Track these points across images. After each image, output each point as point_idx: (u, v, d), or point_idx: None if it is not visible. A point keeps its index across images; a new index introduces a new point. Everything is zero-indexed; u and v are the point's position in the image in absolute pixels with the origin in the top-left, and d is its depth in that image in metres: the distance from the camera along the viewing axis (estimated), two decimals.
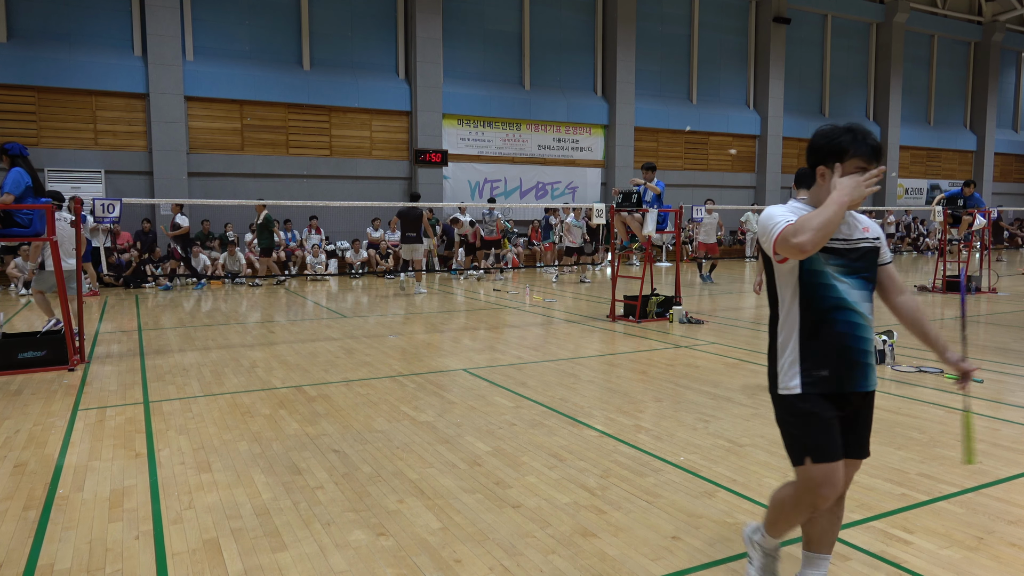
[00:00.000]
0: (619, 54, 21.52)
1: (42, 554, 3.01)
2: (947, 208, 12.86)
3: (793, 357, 2.38)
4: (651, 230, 10.00)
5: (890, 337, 6.91)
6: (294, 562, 2.92)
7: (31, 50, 15.28)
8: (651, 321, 9.56)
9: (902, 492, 3.65)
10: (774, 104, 24.54)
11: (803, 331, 2.38)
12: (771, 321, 2.50)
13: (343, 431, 4.72)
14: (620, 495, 3.62)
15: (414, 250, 13.68)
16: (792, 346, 2.39)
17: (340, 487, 3.73)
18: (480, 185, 20.43)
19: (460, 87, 19.80)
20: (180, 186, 16.44)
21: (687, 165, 23.79)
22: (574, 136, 21.74)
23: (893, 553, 2.99)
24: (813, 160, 2.48)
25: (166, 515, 3.38)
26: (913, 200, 28.96)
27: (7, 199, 6.45)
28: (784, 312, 2.43)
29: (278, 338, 8.48)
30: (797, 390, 2.36)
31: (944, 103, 29.82)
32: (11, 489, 3.73)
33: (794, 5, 25.00)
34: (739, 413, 5.15)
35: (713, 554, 2.99)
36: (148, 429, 4.80)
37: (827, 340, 2.34)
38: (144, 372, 6.59)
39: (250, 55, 17.56)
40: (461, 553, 3.00)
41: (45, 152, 15.38)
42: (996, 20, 29.44)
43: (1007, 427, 4.81)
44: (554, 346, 7.93)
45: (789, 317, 2.41)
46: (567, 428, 4.79)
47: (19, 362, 6.56)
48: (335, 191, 18.29)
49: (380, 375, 6.43)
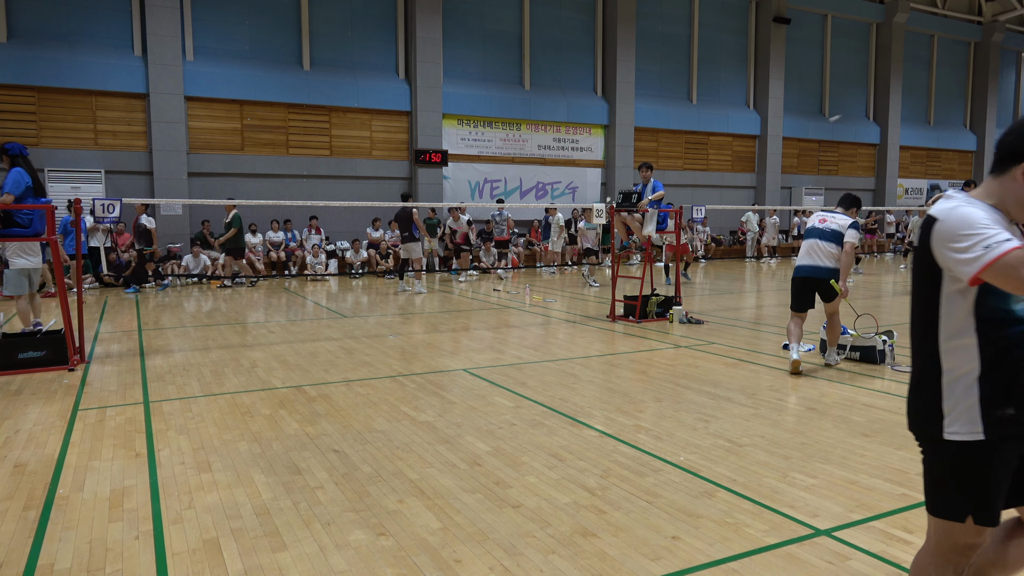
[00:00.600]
0: (619, 54, 21.53)
1: (42, 554, 3.01)
2: None
3: (970, 394, 1.94)
4: (651, 230, 10.00)
5: (890, 337, 6.91)
6: (294, 562, 2.92)
7: (31, 50, 15.28)
8: (651, 321, 9.56)
9: (902, 492, 3.65)
10: (774, 104, 24.55)
11: (984, 362, 1.94)
12: (922, 348, 2.06)
13: (343, 431, 4.72)
14: (620, 495, 3.62)
15: (410, 250, 13.75)
16: (967, 381, 1.95)
17: (340, 487, 3.73)
18: (480, 185, 20.43)
19: (460, 87, 19.80)
20: (180, 186, 16.45)
21: (687, 165, 23.79)
22: (574, 136, 21.74)
23: (893, 553, 2.99)
24: (1012, 158, 1.92)
25: (166, 515, 3.38)
26: (913, 200, 28.96)
27: (7, 199, 6.45)
28: (950, 338, 1.98)
29: (278, 338, 8.48)
30: (979, 435, 1.93)
31: (944, 103, 29.83)
32: (11, 489, 3.73)
33: (794, 5, 25.00)
34: (739, 413, 5.15)
35: (713, 554, 2.99)
36: (148, 429, 4.80)
37: (1013, 372, 1.92)
38: (144, 372, 6.59)
39: (250, 55, 17.57)
40: (461, 553, 3.00)
41: (45, 152, 15.38)
42: (996, 20, 29.44)
43: None
44: (554, 346, 7.93)
45: (960, 345, 1.96)
46: (567, 428, 4.79)
47: (19, 362, 6.56)
48: (335, 191, 18.29)
49: (380, 375, 6.43)
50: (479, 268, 17.40)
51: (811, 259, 6.54)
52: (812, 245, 6.55)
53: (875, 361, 6.84)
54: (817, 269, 6.49)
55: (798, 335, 6.59)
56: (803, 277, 6.59)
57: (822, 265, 6.48)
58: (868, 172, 27.93)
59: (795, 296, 6.67)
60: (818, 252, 6.51)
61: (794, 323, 6.65)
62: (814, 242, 6.54)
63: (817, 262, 6.50)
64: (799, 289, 6.64)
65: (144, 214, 14.88)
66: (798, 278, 6.63)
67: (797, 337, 6.58)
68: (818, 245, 6.51)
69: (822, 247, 6.49)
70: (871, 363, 6.85)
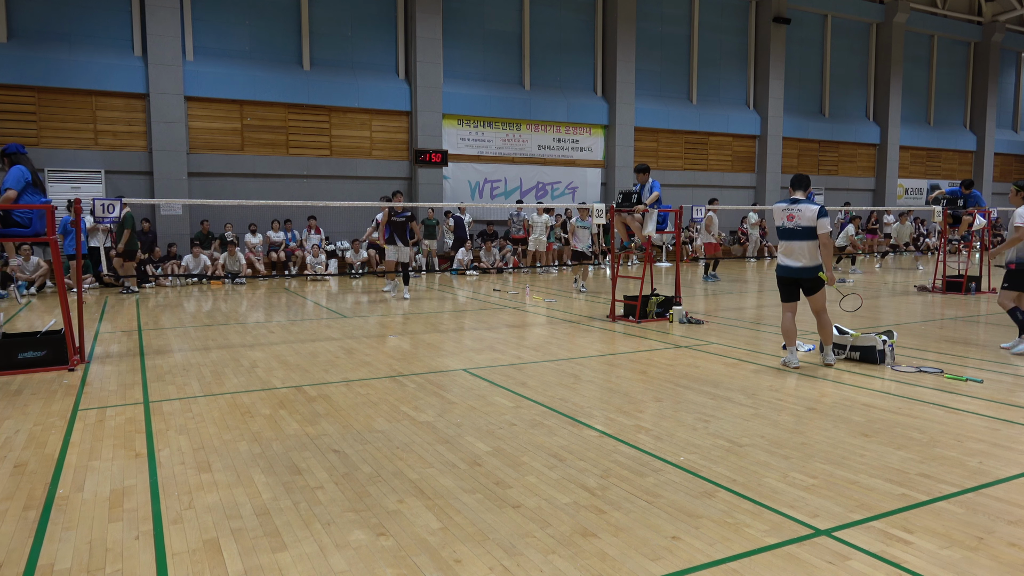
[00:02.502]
0: (619, 54, 21.53)
1: (42, 554, 3.01)
2: (947, 208, 12.86)
3: None
4: (651, 230, 10.01)
5: (890, 337, 6.91)
6: (294, 562, 2.92)
7: (31, 50, 15.29)
8: (651, 321, 9.56)
9: (902, 492, 3.65)
10: (774, 104, 24.55)
11: None
12: None
13: (343, 431, 4.72)
14: (620, 495, 3.62)
15: (397, 251, 12.61)
16: None
17: (340, 487, 3.73)
18: (480, 185, 20.43)
19: (460, 87, 19.80)
20: (180, 186, 16.45)
21: (687, 165, 23.80)
22: (574, 136, 21.74)
23: (893, 553, 2.99)
24: None
25: (166, 515, 3.38)
26: (913, 200, 28.96)
27: (11, 195, 6.46)
28: None
29: (278, 338, 8.48)
30: None
31: (944, 103, 29.83)
32: (11, 489, 3.73)
33: (794, 5, 25.00)
34: (739, 413, 5.14)
35: (713, 554, 2.99)
36: (148, 429, 4.80)
37: None
38: (144, 372, 6.59)
39: (250, 55, 17.57)
40: (461, 553, 3.00)
41: (45, 152, 15.38)
42: (996, 20, 29.44)
43: (1007, 427, 4.81)
44: (554, 346, 7.93)
45: None
46: (567, 428, 4.79)
47: (19, 362, 6.56)
48: (335, 191, 18.29)
49: (380, 375, 6.43)
50: (479, 268, 17.41)
51: (791, 259, 6.60)
52: (788, 247, 6.59)
53: (875, 361, 6.83)
54: (800, 270, 6.56)
55: (794, 334, 6.67)
56: (785, 277, 6.70)
57: (804, 265, 6.54)
58: (868, 172, 27.93)
59: (782, 290, 6.81)
60: (796, 252, 6.55)
61: (787, 318, 6.72)
62: (788, 244, 6.58)
63: (798, 263, 6.56)
64: (784, 284, 6.77)
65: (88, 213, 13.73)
66: (782, 276, 6.74)
67: (793, 338, 6.66)
68: (794, 246, 6.54)
69: (797, 247, 6.52)
70: (871, 363, 6.85)
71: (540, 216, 17.99)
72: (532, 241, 18.06)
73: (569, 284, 15.04)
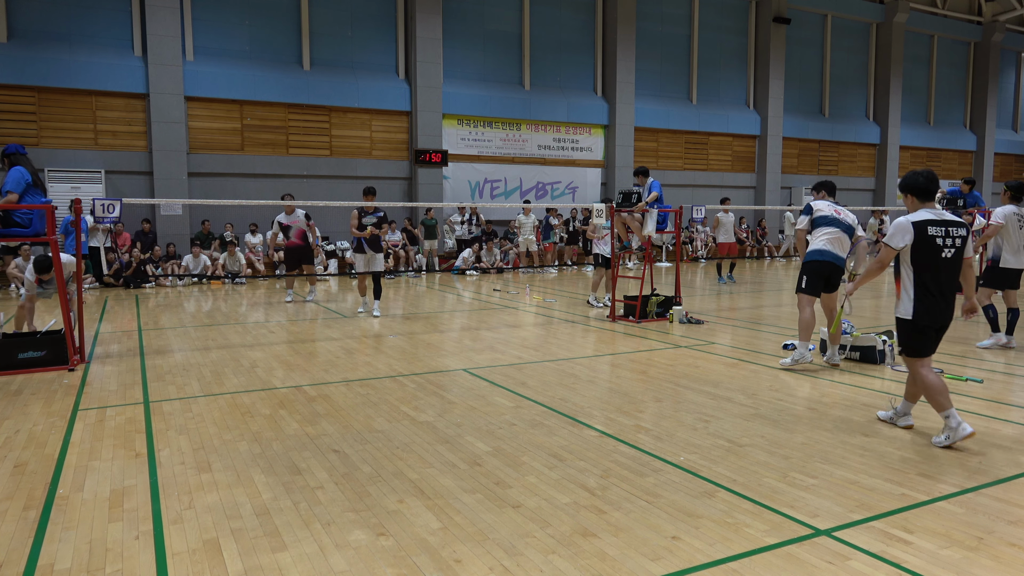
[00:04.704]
0: (619, 54, 21.52)
1: (42, 554, 3.01)
2: (947, 208, 12.85)
3: None
4: (651, 230, 10.01)
5: (890, 337, 6.90)
6: (294, 562, 2.92)
7: (31, 50, 15.28)
8: (651, 321, 9.56)
9: (902, 492, 3.65)
10: (774, 104, 24.54)
11: None
12: None
13: (343, 431, 4.72)
14: (620, 495, 3.62)
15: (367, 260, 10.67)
16: None
17: (340, 487, 3.73)
18: (480, 185, 20.42)
19: (460, 87, 19.80)
20: (180, 186, 16.44)
21: (687, 165, 23.79)
22: (574, 136, 21.73)
23: (893, 553, 2.99)
24: None
25: (166, 515, 3.38)
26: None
27: (12, 198, 6.45)
28: None
29: (278, 338, 8.48)
30: None
31: (944, 103, 29.81)
32: (11, 489, 3.73)
33: (794, 5, 24.99)
34: (739, 413, 5.15)
35: (713, 554, 2.99)
36: (148, 429, 4.80)
37: None
38: (144, 372, 6.59)
39: (250, 55, 17.56)
40: (461, 553, 3.00)
41: (45, 152, 15.37)
42: (996, 20, 29.43)
43: (1007, 427, 4.81)
44: (554, 346, 7.93)
45: None
46: (567, 428, 4.79)
47: (19, 362, 6.56)
48: (335, 191, 18.29)
49: (380, 375, 6.43)
50: (479, 268, 17.41)
51: (835, 248, 6.63)
52: (836, 236, 6.64)
53: (875, 361, 6.84)
54: (841, 259, 6.66)
55: (812, 327, 6.60)
56: (828, 262, 6.59)
57: (842, 255, 6.67)
58: (868, 172, 27.92)
59: (814, 281, 6.63)
60: (840, 243, 6.65)
61: (812, 312, 6.64)
62: (837, 233, 6.64)
63: (840, 252, 6.65)
64: (818, 274, 6.62)
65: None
66: (824, 262, 6.59)
67: (811, 333, 6.60)
68: (840, 236, 6.65)
69: (842, 239, 6.66)
70: (871, 363, 6.85)
71: (527, 217, 18.20)
72: (521, 242, 18.26)
73: (569, 284, 15.03)
